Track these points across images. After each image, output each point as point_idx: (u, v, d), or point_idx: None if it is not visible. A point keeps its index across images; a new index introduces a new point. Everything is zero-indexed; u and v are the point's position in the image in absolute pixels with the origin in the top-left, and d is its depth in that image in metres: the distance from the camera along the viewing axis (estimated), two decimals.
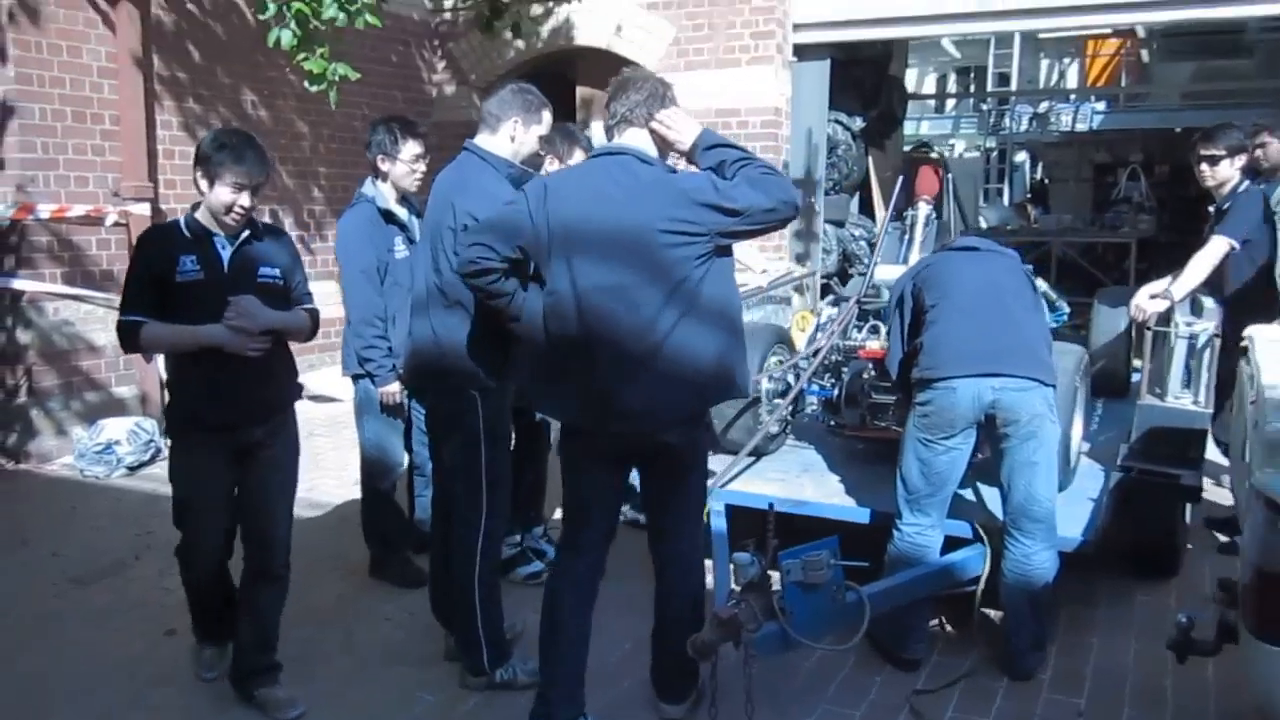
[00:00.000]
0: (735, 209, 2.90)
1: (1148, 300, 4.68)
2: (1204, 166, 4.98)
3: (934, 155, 5.27)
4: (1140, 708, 3.54)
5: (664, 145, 3.10)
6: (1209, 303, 4.80)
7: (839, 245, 9.13)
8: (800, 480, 4.55)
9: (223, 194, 3.19)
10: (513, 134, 3.63)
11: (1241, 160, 4.89)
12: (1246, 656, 2.44)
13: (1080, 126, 18.20)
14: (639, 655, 3.58)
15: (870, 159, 9.76)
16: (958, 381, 3.59)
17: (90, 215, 6.75)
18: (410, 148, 4.37)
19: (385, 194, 4.40)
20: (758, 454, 4.72)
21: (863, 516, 4.14)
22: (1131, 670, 3.78)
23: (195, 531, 3.50)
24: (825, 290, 8.33)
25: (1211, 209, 5.08)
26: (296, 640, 4.03)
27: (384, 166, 4.38)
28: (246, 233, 3.32)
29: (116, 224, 6.89)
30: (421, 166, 4.44)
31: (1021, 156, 19.05)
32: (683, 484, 3.27)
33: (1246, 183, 4.89)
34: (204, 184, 3.21)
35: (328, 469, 6.36)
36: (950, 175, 5.15)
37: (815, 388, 4.81)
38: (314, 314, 3.52)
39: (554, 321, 3.02)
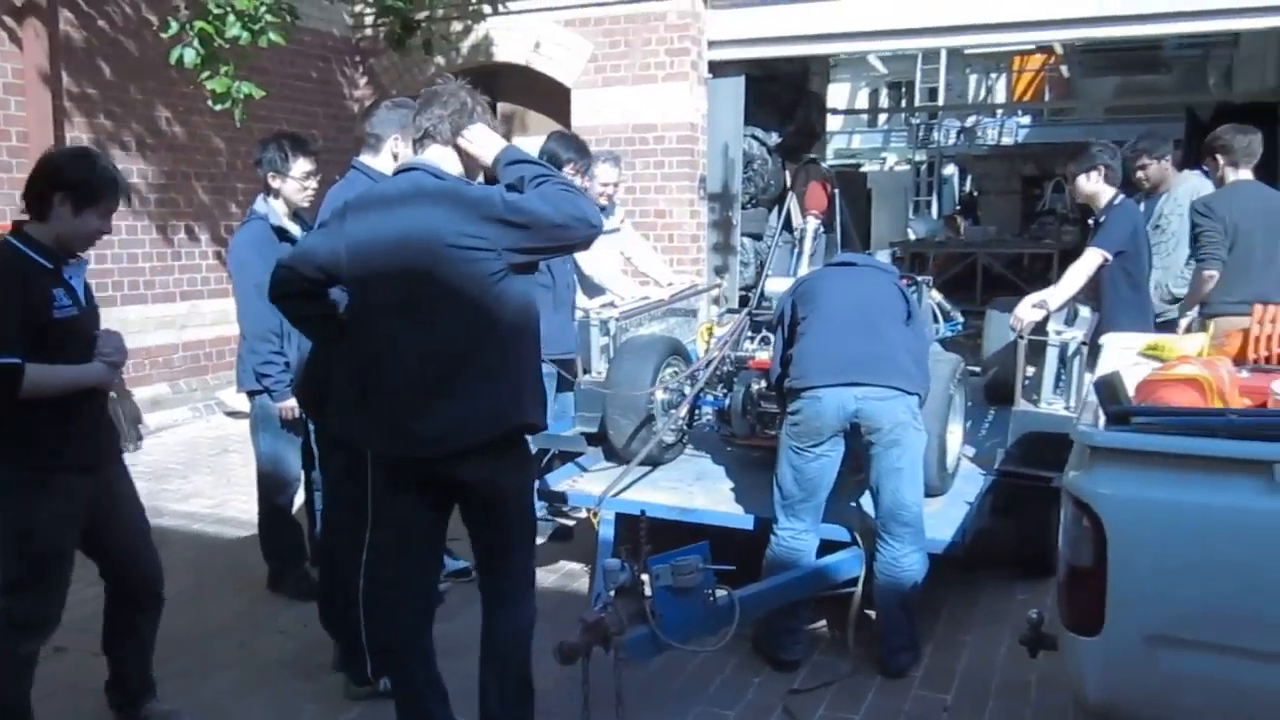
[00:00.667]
0: (522, 223, 2.80)
1: (1027, 310, 4.85)
2: (1072, 184, 5.22)
3: (822, 168, 5.35)
4: (1005, 700, 3.68)
5: (469, 161, 3.03)
6: (1085, 312, 5.00)
7: (757, 258, 9.29)
8: (691, 489, 4.65)
9: (92, 221, 3.08)
10: (395, 151, 3.70)
11: (1096, 175, 5.06)
12: (1063, 648, 2.57)
13: (1007, 140, 18.65)
14: None
15: (788, 173, 9.93)
16: (822, 391, 3.72)
17: None
18: (301, 165, 4.42)
19: (277, 211, 4.45)
20: (654, 464, 4.81)
21: (747, 523, 4.25)
22: (1000, 666, 3.92)
23: (56, 588, 3.14)
24: (744, 302, 8.46)
25: (1091, 221, 5.28)
26: (193, 654, 4.08)
27: (275, 184, 4.43)
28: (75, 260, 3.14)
29: None
30: (313, 184, 4.49)
31: (950, 170, 19.45)
32: (494, 517, 3.06)
33: (1121, 196, 5.09)
34: (66, 209, 3.01)
35: (238, 485, 6.35)
36: (836, 190, 5.25)
37: (710, 398, 4.92)
38: None
39: (354, 343, 3.00)
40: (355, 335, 3.02)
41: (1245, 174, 5.10)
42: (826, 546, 4.05)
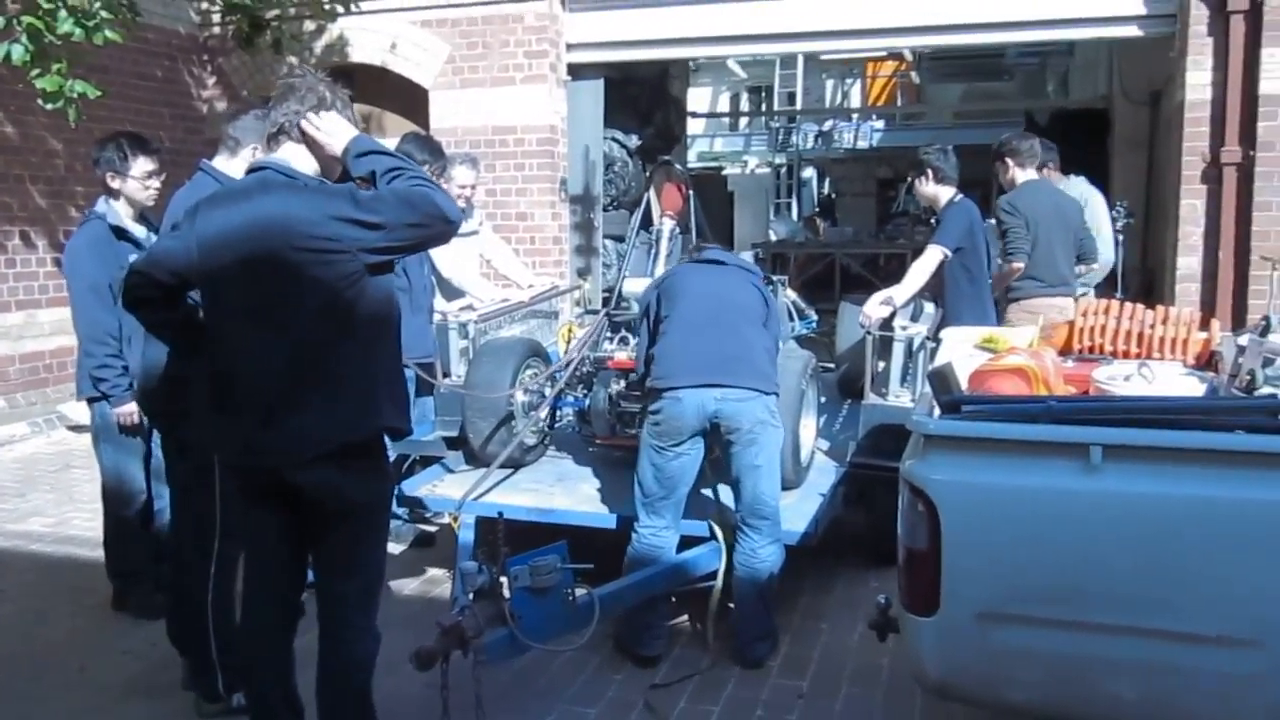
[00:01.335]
0: (376, 223, 2.70)
1: (875, 306, 5.02)
2: (915, 190, 5.48)
3: (677, 170, 5.43)
4: (858, 685, 3.80)
5: (323, 156, 2.89)
6: (929, 308, 5.20)
7: (619, 260, 9.33)
8: (552, 490, 4.65)
9: None
10: (251, 160, 3.60)
11: (929, 178, 5.30)
12: (903, 629, 2.68)
13: (862, 144, 19.19)
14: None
15: (649, 175, 10.03)
16: (683, 391, 3.78)
17: None
18: (142, 164, 4.26)
19: (118, 211, 4.28)
20: (515, 466, 4.80)
21: (609, 522, 4.28)
22: (854, 652, 4.05)
23: None
24: (606, 304, 8.50)
25: (933, 220, 5.51)
26: (28, 677, 3.89)
27: (114, 184, 4.26)
28: None
29: None
30: (156, 183, 4.33)
31: (809, 172, 19.92)
32: (331, 533, 2.91)
33: (960, 196, 5.31)
34: None
35: (81, 502, 6.08)
36: (691, 191, 5.33)
37: (570, 399, 4.93)
38: None
39: (210, 348, 2.91)
40: (209, 340, 2.91)
41: (1031, 173, 5.63)
42: (686, 542, 4.11)
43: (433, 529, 5.33)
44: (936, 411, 2.62)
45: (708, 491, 4.26)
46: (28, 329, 7.85)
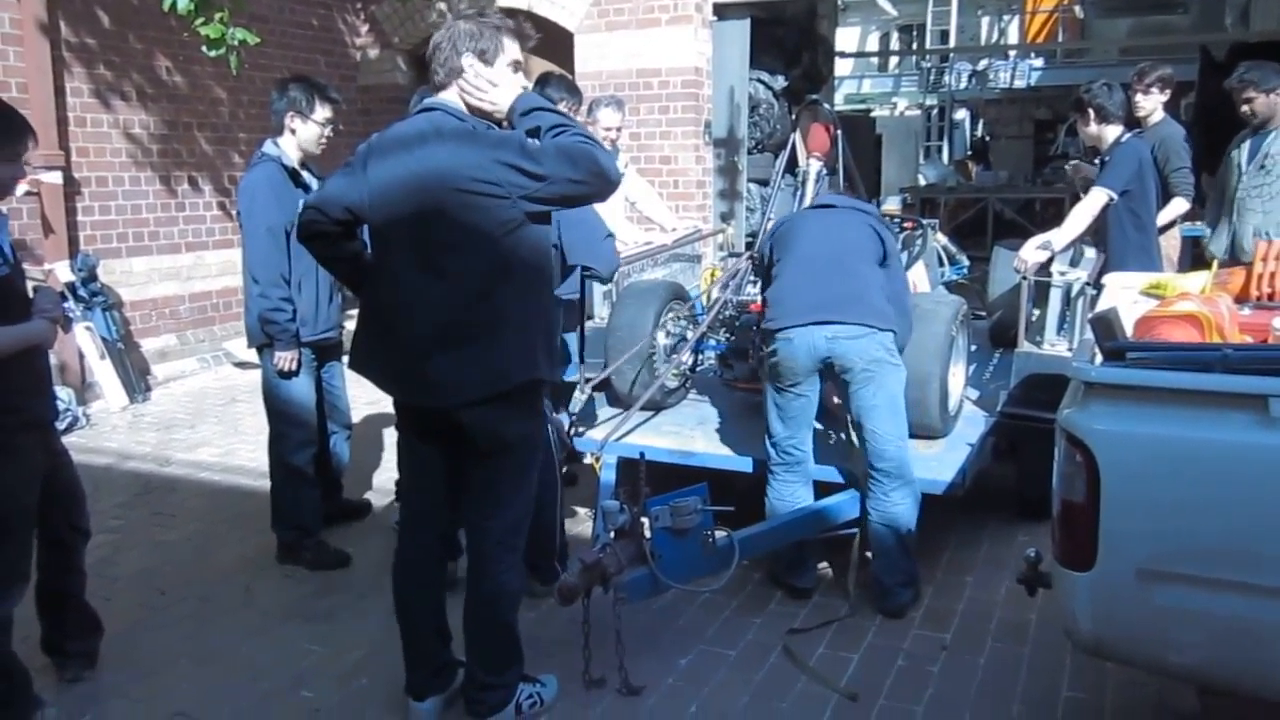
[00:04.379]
0: (539, 173, 2.74)
1: (1031, 251, 4.80)
2: (1080, 130, 5.16)
3: (825, 110, 5.28)
4: (1003, 640, 3.70)
5: (478, 110, 2.92)
6: (1090, 252, 4.95)
7: (763, 203, 9.20)
8: (693, 433, 4.65)
9: (3, 170, 3.02)
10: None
11: (1092, 117, 5.00)
12: (1055, 583, 2.58)
13: (1019, 83, 18.36)
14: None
15: (795, 116, 9.82)
16: (793, 331, 3.74)
17: None
18: (324, 111, 4.33)
19: (289, 154, 4.32)
20: (656, 408, 4.82)
21: (747, 465, 4.27)
22: (1000, 606, 3.94)
23: (25, 546, 3.14)
24: (749, 247, 8.42)
25: (1097, 162, 5.22)
26: (196, 598, 4.14)
27: (294, 124, 4.29)
28: None
29: (28, 193, 6.82)
30: (329, 131, 4.40)
31: (962, 114, 19.20)
32: (481, 472, 3.01)
33: (1128, 135, 5.03)
34: None
35: (245, 434, 6.40)
36: (840, 132, 5.19)
37: (712, 343, 4.91)
38: None
39: (373, 285, 2.99)
40: (373, 279, 3.02)
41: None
42: (826, 489, 4.06)
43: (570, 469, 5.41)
44: (1099, 358, 2.49)
45: (842, 436, 4.20)
46: (196, 270, 8.27)
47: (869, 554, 3.94)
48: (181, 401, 7.40)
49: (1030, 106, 18.64)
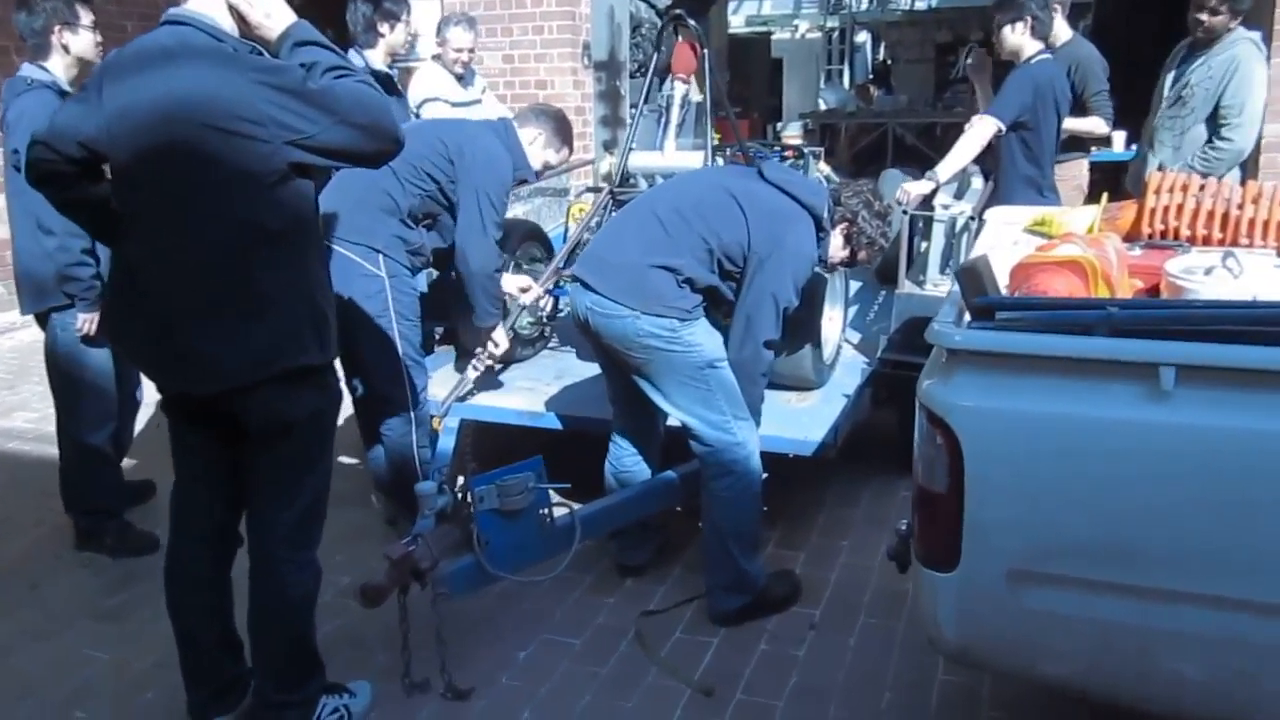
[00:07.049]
0: (322, 107, 2.26)
1: (913, 182, 4.42)
2: (997, 35, 4.70)
3: (691, 27, 4.80)
4: (877, 615, 3.37)
5: (244, 26, 2.41)
6: (976, 182, 4.59)
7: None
8: (549, 389, 4.21)
9: None
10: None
11: (1023, 27, 4.56)
12: (914, 583, 2.21)
13: (920, 5, 17.96)
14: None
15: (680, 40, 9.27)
16: (576, 284, 3.32)
17: None
18: (88, 14, 3.79)
19: (63, 76, 3.73)
20: (506, 362, 4.35)
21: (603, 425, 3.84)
22: (876, 573, 3.61)
23: None
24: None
25: None
26: None
27: (64, 38, 3.72)
28: None
29: None
30: (99, 36, 3.83)
31: (863, 37, 18.79)
32: (260, 458, 2.56)
33: (1040, 57, 4.58)
34: None
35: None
36: (706, 51, 4.72)
37: (567, 287, 4.45)
38: None
39: (123, 238, 2.48)
40: (122, 231, 2.48)
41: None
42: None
43: None
44: (966, 318, 2.10)
45: None
46: None
47: None
48: (6, 359, 6.70)
49: (932, 29, 18.26)
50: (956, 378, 1.99)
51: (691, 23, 4.63)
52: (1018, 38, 4.54)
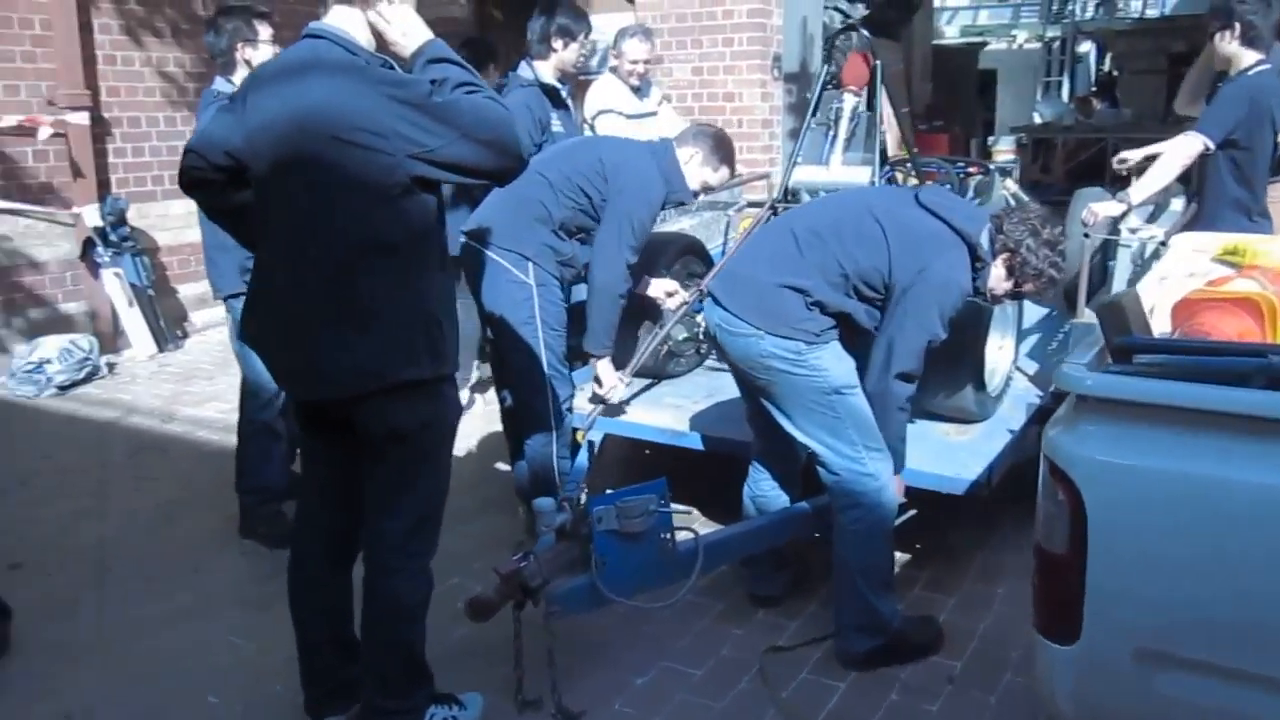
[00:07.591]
0: (447, 122, 2.27)
1: (1101, 203, 4.07)
2: (1212, 44, 4.28)
3: (862, 38, 4.60)
4: (1024, 675, 3.08)
5: (380, 42, 2.47)
6: (1176, 204, 4.19)
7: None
8: (697, 406, 4.10)
9: None
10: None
11: (1232, 35, 4.13)
12: (1033, 653, 1.99)
13: (1152, 12, 16.82)
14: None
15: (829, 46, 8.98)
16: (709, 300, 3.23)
17: (24, 125, 6.46)
18: (266, 29, 4.01)
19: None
20: (657, 377, 4.29)
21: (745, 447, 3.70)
22: (1029, 626, 3.31)
23: None
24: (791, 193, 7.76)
25: None
26: (139, 574, 3.83)
27: (246, 54, 3.95)
28: None
29: (55, 135, 6.60)
30: (277, 48, 4.02)
31: (1086, 46, 17.74)
32: (376, 466, 2.56)
33: (1259, 68, 4.10)
34: None
35: None
36: (880, 63, 4.51)
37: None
38: None
39: (261, 245, 2.56)
40: (261, 238, 2.57)
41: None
42: None
43: None
44: (1104, 360, 1.87)
45: None
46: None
47: None
48: (212, 351, 7.16)
49: (1164, 38, 17.04)
50: (1083, 426, 1.77)
51: (864, 33, 4.42)
52: (1229, 46, 4.11)
